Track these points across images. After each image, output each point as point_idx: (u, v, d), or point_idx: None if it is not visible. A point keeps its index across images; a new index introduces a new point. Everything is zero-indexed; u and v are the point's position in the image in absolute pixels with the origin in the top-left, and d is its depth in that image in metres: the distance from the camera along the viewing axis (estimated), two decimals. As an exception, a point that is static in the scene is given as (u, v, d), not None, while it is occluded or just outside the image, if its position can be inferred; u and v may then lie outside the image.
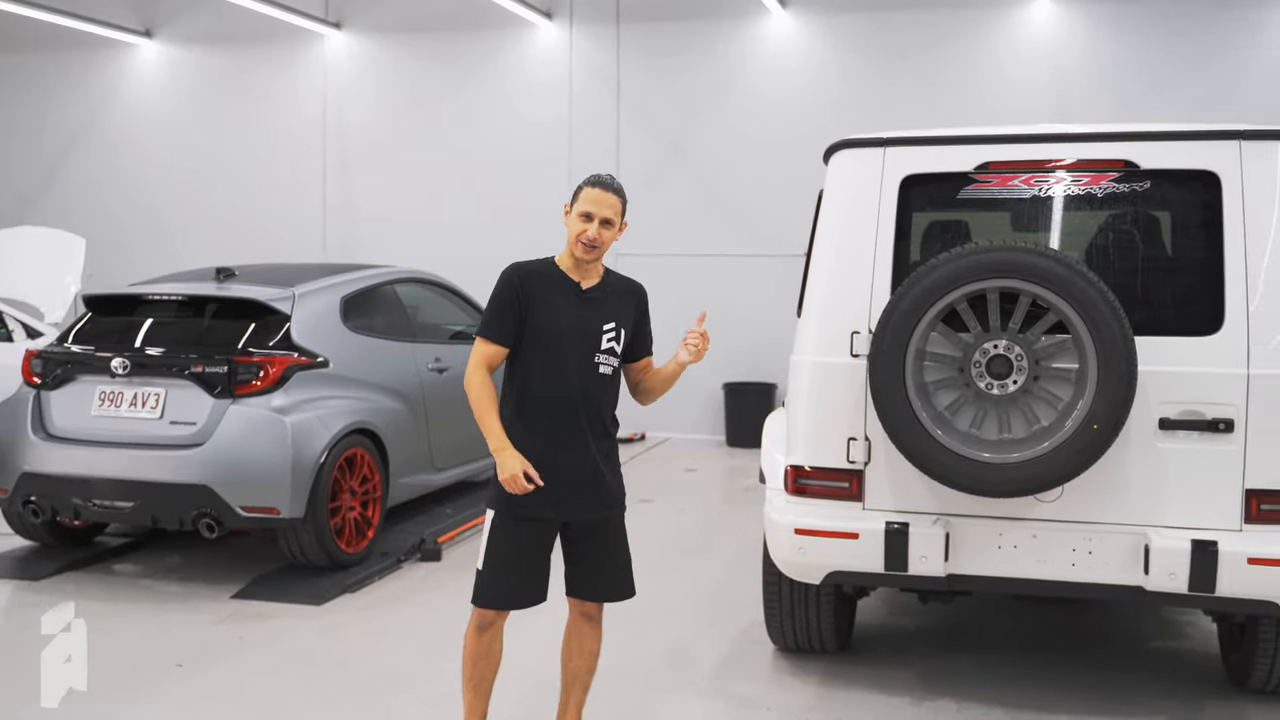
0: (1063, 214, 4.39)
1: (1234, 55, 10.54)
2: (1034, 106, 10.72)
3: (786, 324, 11.85)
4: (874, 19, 11.28)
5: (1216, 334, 4.06)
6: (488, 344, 3.69)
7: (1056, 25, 10.93)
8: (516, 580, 3.71)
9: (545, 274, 3.74)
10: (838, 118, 11.28)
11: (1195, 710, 4.52)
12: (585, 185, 3.71)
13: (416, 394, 7.12)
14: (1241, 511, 4.03)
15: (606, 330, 3.73)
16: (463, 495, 8.07)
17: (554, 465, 3.64)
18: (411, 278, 7.70)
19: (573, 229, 3.68)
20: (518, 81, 12.26)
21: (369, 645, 5.27)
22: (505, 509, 3.68)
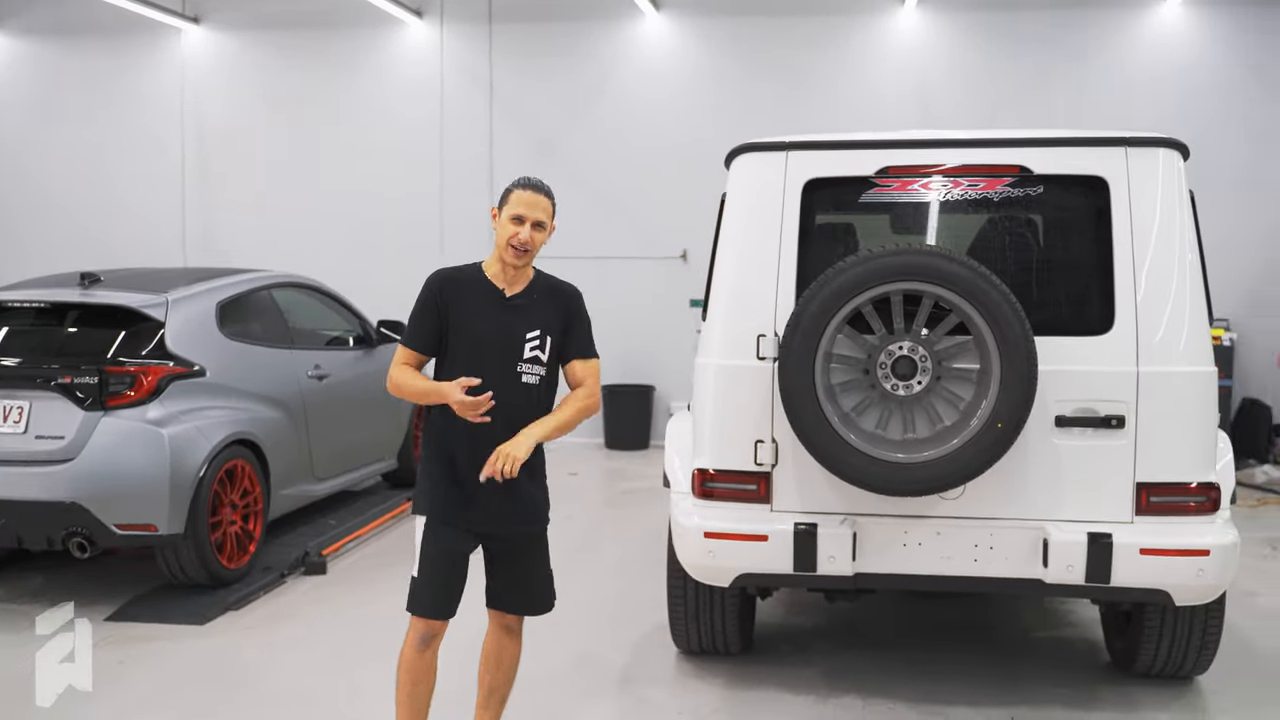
0: (961, 218, 4.50)
1: (1084, 65, 10.99)
2: (900, 112, 11.02)
3: (664, 326, 12.08)
4: (745, 24, 11.41)
5: (1108, 333, 4.20)
6: (409, 352, 3.64)
7: (921, 33, 11.22)
8: (442, 590, 3.62)
9: (468, 280, 3.65)
10: (712, 120, 11.39)
11: (1088, 695, 4.68)
12: (515, 188, 3.62)
13: (296, 402, 6.89)
14: (1133, 504, 4.19)
15: (530, 339, 3.64)
16: (345, 505, 7.86)
17: (471, 481, 3.56)
18: (288, 282, 7.45)
19: (503, 233, 3.59)
20: (388, 81, 12.00)
21: (260, 665, 5.07)
22: (435, 513, 3.61)
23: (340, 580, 6.36)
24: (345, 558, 6.81)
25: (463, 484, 3.58)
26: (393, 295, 10.61)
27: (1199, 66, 10.84)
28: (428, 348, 3.63)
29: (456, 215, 11.86)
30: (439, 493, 3.62)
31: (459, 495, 3.60)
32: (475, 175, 11.85)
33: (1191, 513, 4.18)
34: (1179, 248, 4.25)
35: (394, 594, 6.04)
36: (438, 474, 3.63)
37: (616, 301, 11.56)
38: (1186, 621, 4.54)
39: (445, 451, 3.61)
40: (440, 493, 3.62)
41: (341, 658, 5.16)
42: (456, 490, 3.60)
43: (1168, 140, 4.34)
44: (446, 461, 3.61)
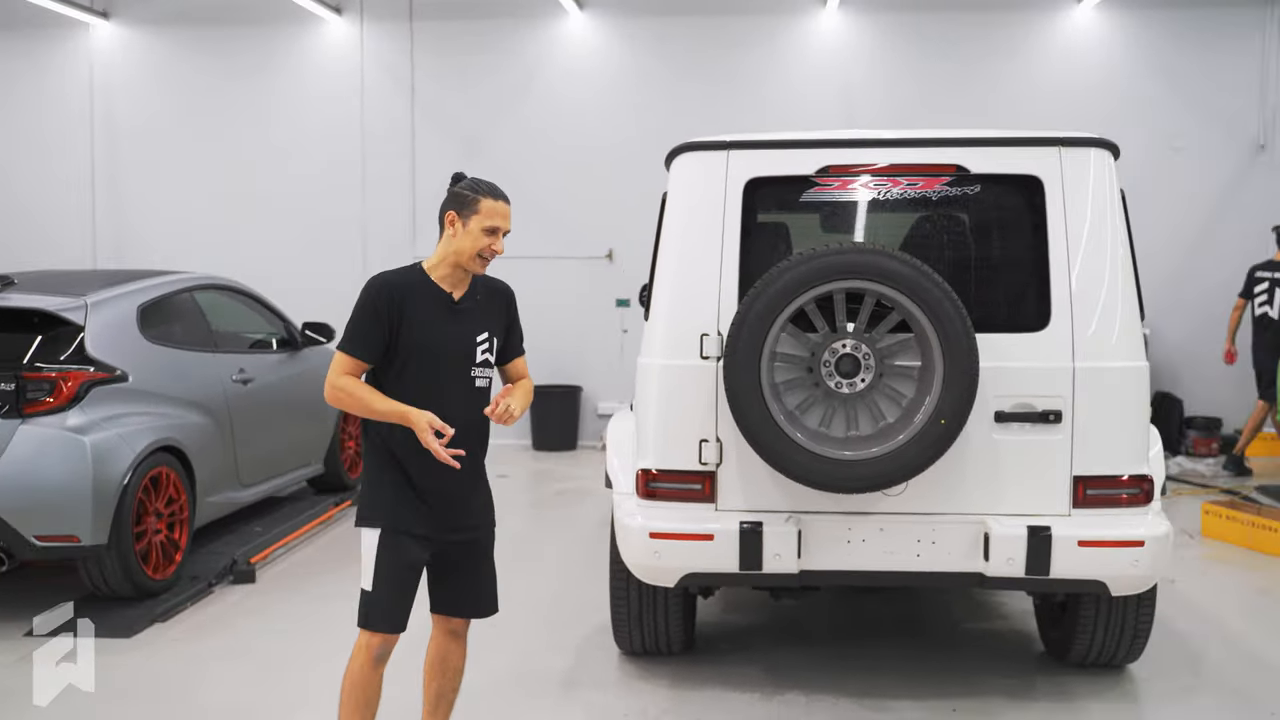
0: (900, 216, 4.55)
1: (1001, 66, 11.21)
2: (824, 112, 11.12)
3: (591, 326, 12.04)
4: (669, 23, 11.42)
5: (1044, 330, 4.27)
6: (352, 359, 3.44)
7: (843, 34, 11.34)
8: (400, 602, 3.51)
9: (416, 287, 3.50)
10: (637, 120, 11.40)
11: (1025, 686, 4.77)
12: (484, 196, 3.48)
13: (221, 407, 6.72)
14: (1070, 497, 4.27)
15: (481, 342, 3.58)
16: (271, 512, 7.69)
17: (433, 487, 3.50)
18: (210, 284, 7.27)
19: (474, 243, 3.46)
20: (307, 79, 11.78)
21: (191, 678, 4.93)
22: (392, 525, 3.48)
23: (270, 589, 6.22)
24: (274, 565, 6.66)
25: (419, 493, 3.50)
26: (315, 296, 10.47)
27: (1111, 69, 11.13)
28: (373, 357, 3.46)
29: (378, 216, 11.70)
30: (395, 504, 3.49)
31: (416, 505, 3.50)
32: (397, 175, 11.70)
33: (1126, 504, 4.27)
34: (1111, 245, 4.34)
35: (327, 601, 5.99)
36: (391, 484, 3.51)
37: (542, 302, 11.47)
38: (1120, 612, 4.64)
39: (398, 461, 3.50)
40: (397, 503, 3.49)
41: (276, 668, 5.04)
42: (413, 500, 3.50)
43: (1099, 140, 4.43)
44: (399, 471, 3.50)
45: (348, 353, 3.45)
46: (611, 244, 11.56)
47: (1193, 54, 11.10)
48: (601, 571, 6.45)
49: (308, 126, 11.80)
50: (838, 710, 4.51)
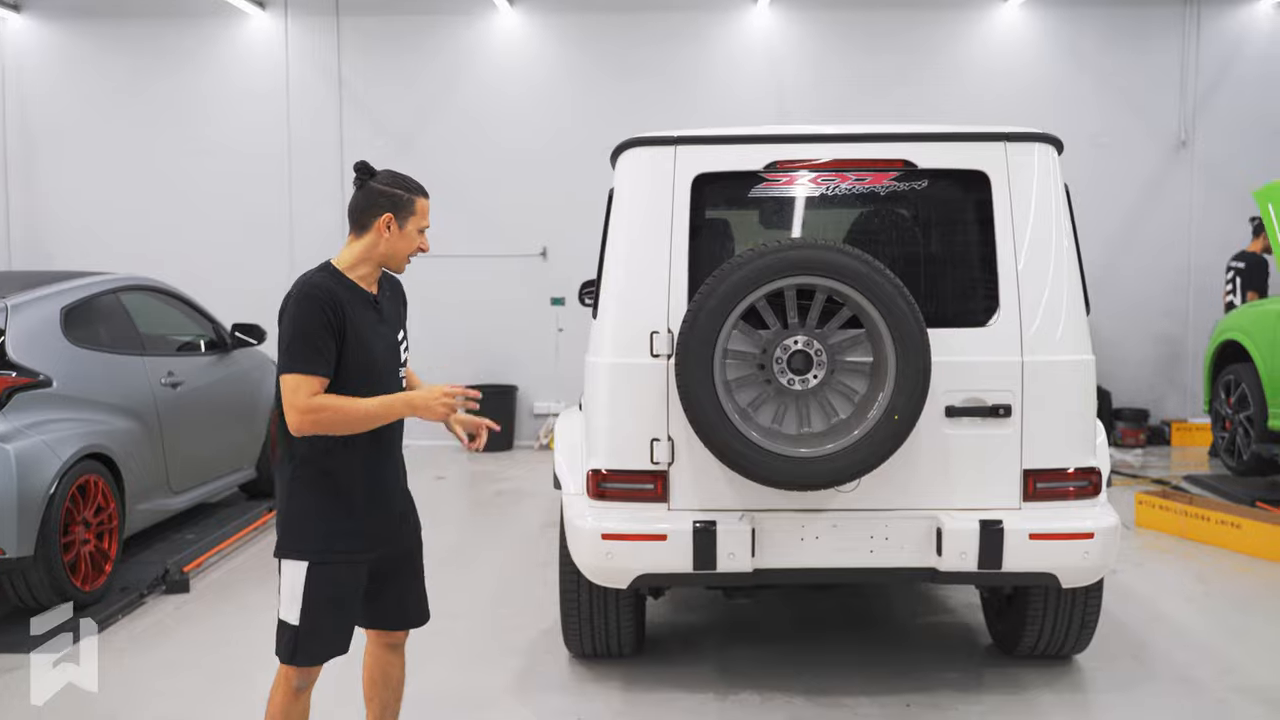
0: (849, 212, 4.53)
1: (931, 63, 11.33)
2: (757, 109, 11.13)
3: (526, 325, 11.92)
4: (600, 20, 11.35)
5: (992, 324, 4.29)
6: (314, 379, 3.11)
7: (774, 31, 11.37)
8: (339, 630, 3.32)
9: (346, 291, 3.24)
10: (569, 116, 11.33)
11: (975, 679, 4.79)
12: (417, 195, 3.31)
13: (150, 412, 6.52)
14: (1020, 491, 4.29)
15: (401, 341, 3.45)
16: (203, 519, 7.48)
17: (377, 502, 3.33)
18: (136, 285, 7.04)
19: (410, 244, 3.31)
20: (230, 74, 11.52)
21: (128, 693, 4.75)
22: (324, 556, 3.23)
23: (205, 598, 6.04)
24: (209, 574, 6.48)
25: (360, 511, 3.28)
26: (241, 296, 10.22)
27: (1037, 65, 11.30)
28: (331, 371, 3.16)
29: (306, 214, 11.48)
30: (328, 534, 3.24)
31: (354, 527, 3.27)
32: (325, 173, 11.48)
33: (1075, 497, 4.30)
34: (1056, 239, 4.37)
35: (265, 610, 5.79)
36: (324, 511, 3.24)
37: (475, 301, 11.40)
38: (1068, 603, 4.68)
39: (334, 482, 3.24)
40: (330, 533, 3.24)
41: (216, 679, 4.89)
42: (351, 522, 3.26)
43: (1044, 135, 4.46)
44: (336, 494, 3.25)
45: (308, 373, 3.11)
46: (545, 242, 11.47)
47: (1116, 51, 11.31)
48: (545, 573, 6.40)
49: (232, 123, 11.53)
50: (793, 709, 4.49)
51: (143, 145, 11.54)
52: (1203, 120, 11.35)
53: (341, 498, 3.25)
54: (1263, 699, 4.57)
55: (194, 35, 11.48)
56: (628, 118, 10.85)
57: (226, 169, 11.47)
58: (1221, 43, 11.31)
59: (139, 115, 11.54)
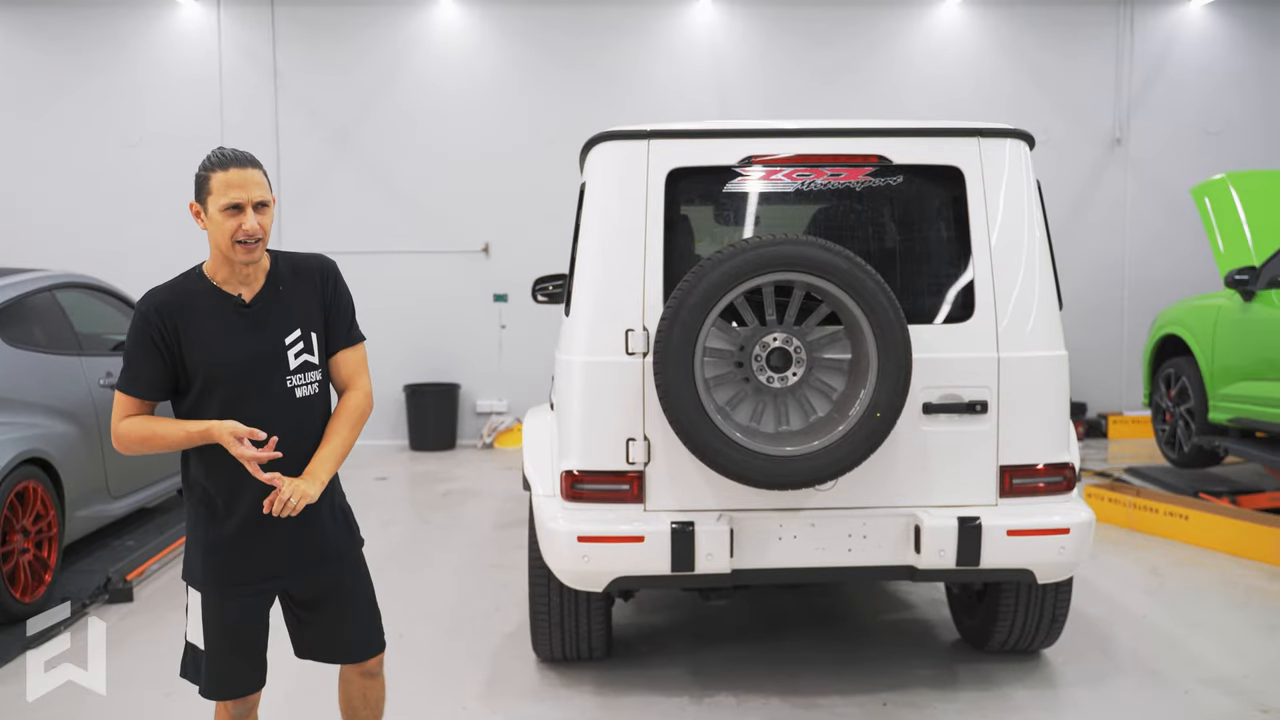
0: (824, 207, 4.48)
1: (873, 59, 11.39)
2: (699, 103, 11.11)
3: (468, 322, 11.75)
4: (542, 13, 11.23)
5: (968, 320, 4.27)
6: (132, 400, 2.93)
7: (717, 26, 11.34)
8: (241, 665, 3.10)
9: (192, 296, 2.94)
10: (512, 110, 11.20)
11: (948, 675, 4.78)
12: (212, 170, 2.86)
13: (89, 414, 6.28)
14: (997, 487, 4.28)
15: (292, 344, 3.01)
16: (142, 525, 7.24)
17: (261, 528, 2.99)
18: (71, 282, 6.79)
19: (221, 230, 2.86)
20: (161, 66, 11.20)
21: (75, 708, 4.55)
22: (213, 583, 3.02)
23: (150, 607, 5.83)
24: (152, 581, 6.25)
25: (245, 534, 2.99)
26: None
27: (976, 62, 11.42)
28: (156, 392, 2.94)
29: (241, 209, 11.18)
30: (215, 556, 3.01)
31: (242, 551, 3.00)
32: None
33: (1051, 492, 4.30)
34: (1029, 235, 4.37)
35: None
36: (206, 536, 3.01)
37: (417, 298, 11.22)
38: (1039, 598, 4.70)
39: (217, 503, 2.99)
40: (216, 555, 3.00)
41: (171, 693, 4.69)
42: (237, 546, 3.00)
43: (1016, 131, 4.45)
44: (216, 513, 3.00)
45: (126, 392, 2.94)
46: (488, 237, 11.33)
47: (1053, 50, 11.48)
48: (501, 575, 6.30)
49: (163, 115, 11.22)
50: (769, 710, 4.44)
51: (70, 139, 11.19)
52: (1136, 119, 11.56)
53: (221, 520, 3.00)
54: (1227, 690, 4.62)
55: (123, 25, 11.14)
56: (570, 112, 10.79)
57: (159, 162, 11.15)
58: (1154, 42, 11.53)
59: (66, 107, 11.19)
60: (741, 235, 4.40)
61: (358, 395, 3.14)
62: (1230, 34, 11.57)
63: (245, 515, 2.99)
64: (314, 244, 10.56)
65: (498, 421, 11.25)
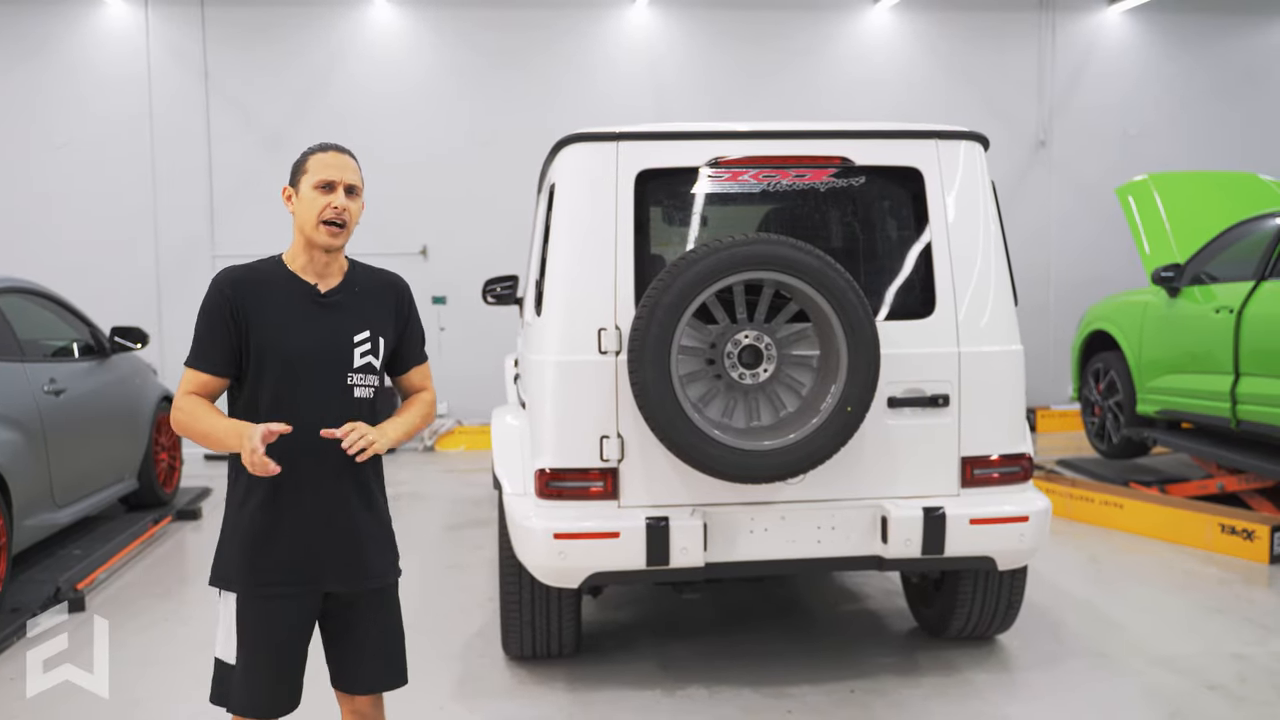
0: (789, 207, 4.59)
1: (800, 62, 11.58)
2: (636, 105, 11.21)
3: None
4: (477, 14, 11.24)
5: (930, 317, 4.41)
6: (199, 376, 2.89)
7: (653, 29, 11.45)
8: (278, 677, 2.94)
9: (269, 278, 2.94)
10: (448, 113, 11.20)
11: (910, 662, 4.91)
12: (312, 152, 2.94)
13: (34, 422, 6.15)
14: (959, 478, 4.42)
15: (360, 342, 2.98)
16: (87, 533, 7.09)
17: (303, 525, 2.91)
18: (12, 287, 6.64)
19: (310, 207, 2.89)
20: (86, 65, 10.99)
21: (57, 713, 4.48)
22: (250, 587, 2.90)
23: (105, 615, 5.72)
24: (103, 590, 6.16)
25: (291, 533, 2.90)
26: (106, 298, 9.75)
27: (906, 65, 11.68)
28: (223, 368, 2.89)
29: (173, 212, 11.03)
30: (254, 555, 2.90)
31: (285, 551, 2.91)
32: (193, 169, 11.06)
33: (1009, 482, 4.46)
34: (985, 233, 4.52)
35: (168, 625, 5.58)
36: (259, 530, 2.90)
37: (354, 301, 11.11)
38: (996, 585, 4.85)
39: (266, 500, 2.90)
40: (256, 554, 2.90)
41: (133, 701, 4.64)
42: (280, 545, 2.90)
43: (971, 133, 4.61)
44: (264, 509, 2.90)
45: (196, 367, 2.90)
46: (425, 240, 11.31)
47: (978, 54, 11.79)
48: (459, 577, 6.33)
49: (88, 117, 11.01)
50: (741, 700, 4.53)
51: (-10, 140, 10.90)
52: (1059, 121, 11.91)
53: (267, 515, 2.90)
54: (1174, 669, 4.82)
55: (46, 24, 10.91)
56: (506, 115, 10.81)
57: (85, 165, 10.95)
58: (1075, 48, 11.89)
59: (-15, 108, 10.90)
60: (710, 235, 4.48)
61: (429, 393, 3.24)
62: (1148, 39, 11.98)
63: (295, 514, 2.90)
64: (248, 247, 10.42)
65: (439, 424, 11.22)
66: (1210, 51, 12.08)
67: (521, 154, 8.74)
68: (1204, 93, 12.07)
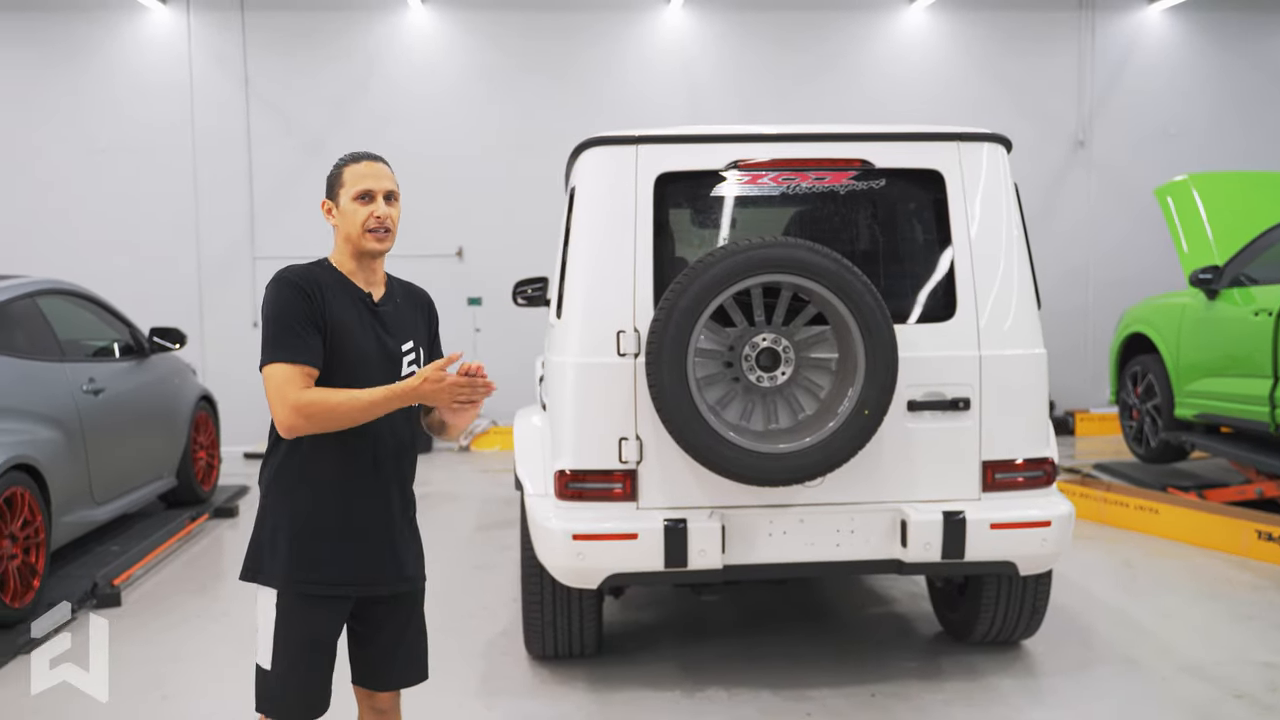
0: (809, 209, 4.58)
1: (835, 64, 11.54)
2: (670, 107, 11.21)
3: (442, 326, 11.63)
4: (513, 18, 11.31)
5: (951, 320, 4.39)
6: (298, 367, 2.78)
7: (686, 31, 11.46)
8: (319, 680, 2.93)
9: (333, 281, 2.92)
10: (483, 115, 11.28)
11: (933, 666, 4.89)
12: (345, 164, 2.96)
13: (73, 421, 6.28)
14: (980, 482, 4.40)
15: (407, 352, 3.01)
16: (125, 530, 7.23)
17: (355, 529, 2.91)
18: (54, 289, 6.78)
19: (354, 218, 2.90)
20: (130, 71, 11.18)
21: (71, 714, 4.57)
22: (293, 586, 2.86)
23: (139, 611, 5.85)
24: (139, 586, 6.27)
25: (342, 531, 2.89)
26: (149, 303, 9.91)
27: (942, 66, 11.60)
28: (319, 359, 2.82)
29: (214, 219, 11.19)
30: (300, 551, 2.86)
31: (333, 548, 2.88)
32: (233, 174, 11.22)
33: (1031, 486, 4.43)
34: (1008, 236, 4.49)
35: (201, 622, 5.67)
36: (295, 526, 2.87)
37: (391, 302, 11.22)
38: (1020, 590, 4.82)
39: (318, 497, 2.89)
40: (302, 550, 2.87)
41: (166, 696, 4.73)
42: (329, 542, 2.88)
43: (994, 135, 4.58)
44: (314, 505, 2.88)
45: (291, 361, 2.78)
46: (461, 241, 11.38)
47: (1017, 54, 11.69)
48: (485, 577, 6.39)
49: (131, 122, 11.20)
50: (760, 702, 4.53)
51: (39, 144, 11.13)
52: (1099, 121, 11.78)
53: (318, 511, 2.89)
54: (1203, 676, 4.76)
55: (92, 30, 11.11)
56: (542, 117, 10.87)
57: (129, 169, 11.13)
58: (1115, 47, 11.76)
59: (35, 112, 11.14)
60: (729, 238, 4.49)
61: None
62: (1189, 38, 11.83)
63: (351, 513, 2.91)
64: (288, 250, 10.55)
65: (474, 424, 11.29)
66: (1252, 50, 11.91)
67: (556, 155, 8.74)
68: (1246, 92, 11.89)
